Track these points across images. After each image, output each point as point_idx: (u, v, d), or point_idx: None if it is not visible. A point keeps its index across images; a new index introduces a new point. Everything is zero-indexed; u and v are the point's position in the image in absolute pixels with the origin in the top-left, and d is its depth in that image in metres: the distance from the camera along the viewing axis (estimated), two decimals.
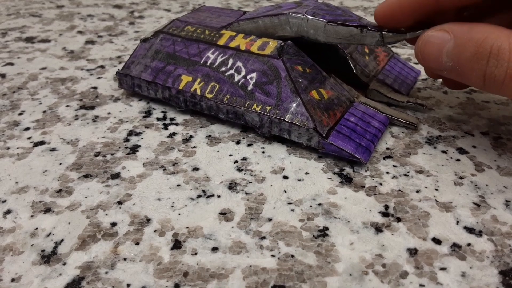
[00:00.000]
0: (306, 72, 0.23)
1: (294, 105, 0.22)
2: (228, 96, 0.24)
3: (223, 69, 0.24)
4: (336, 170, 0.21)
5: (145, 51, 0.27)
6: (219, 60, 0.25)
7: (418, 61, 0.20)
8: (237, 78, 0.24)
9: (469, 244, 0.17)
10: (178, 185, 0.20)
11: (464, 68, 0.18)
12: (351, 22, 0.22)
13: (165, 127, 0.25)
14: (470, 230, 0.18)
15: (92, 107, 0.27)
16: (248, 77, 0.23)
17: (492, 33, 0.17)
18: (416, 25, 0.21)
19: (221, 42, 0.25)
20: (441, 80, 0.30)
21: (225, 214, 0.19)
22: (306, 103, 0.22)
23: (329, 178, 0.21)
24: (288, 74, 0.23)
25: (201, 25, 0.27)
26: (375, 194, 0.20)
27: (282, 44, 0.24)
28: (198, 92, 0.24)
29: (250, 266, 0.16)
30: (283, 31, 0.24)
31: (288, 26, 0.24)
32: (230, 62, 0.24)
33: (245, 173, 0.21)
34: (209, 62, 0.25)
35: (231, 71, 0.24)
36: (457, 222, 0.18)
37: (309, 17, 0.23)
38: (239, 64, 0.24)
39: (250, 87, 0.23)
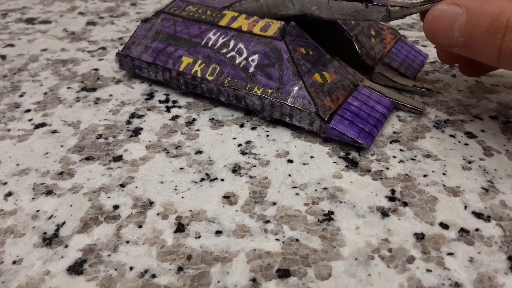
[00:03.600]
0: (309, 55, 0.23)
1: (296, 88, 0.21)
2: (229, 79, 0.23)
3: (224, 50, 0.24)
4: (342, 154, 0.21)
5: (145, 31, 0.27)
6: (220, 41, 0.24)
7: (427, 37, 0.19)
8: (238, 60, 0.23)
9: (477, 229, 0.17)
10: (181, 168, 0.20)
11: (477, 43, 0.17)
12: None
13: (168, 109, 0.25)
14: (478, 215, 0.17)
15: (93, 89, 0.27)
16: (250, 59, 0.23)
17: (507, 6, 0.16)
18: None
19: (223, 22, 0.25)
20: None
21: (228, 198, 0.18)
22: (309, 86, 0.21)
23: (334, 162, 0.20)
24: (291, 56, 0.22)
25: (202, 5, 0.27)
26: (381, 179, 0.19)
27: (285, 25, 0.23)
28: (199, 74, 0.24)
29: (254, 249, 0.16)
30: (285, 9, 0.24)
31: (291, 3, 0.23)
32: (232, 43, 0.24)
33: (249, 157, 0.21)
34: (210, 43, 0.24)
35: (233, 53, 0.23)
36: (465, 207, 0.18)
37: None
38: (240, 45, 0.24)
39: (251, 69, 0.23)
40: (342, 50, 0.26)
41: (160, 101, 0.25)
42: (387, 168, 0.20)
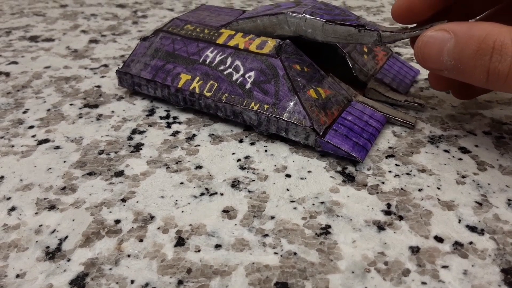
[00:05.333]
0: (304, 71, 0.23)
1: (292, 103, 0.22)
2: (227, 95, 0.24)
3: (222, 67, 0.24)
4: (339, 168, 0.21)
5: (145, 49, 0.28)
6: (218, 58, 0.25)
7: (418, 63, 0.20)
8: (235, 76, 0.24)
9: (471, 243, 0.17)
10: (182, 183, 0.21)
11: (466, 66, 0.18)
12: (349, 22, 0.22)
13: (169, 125, 0.25)
14: (472, 228, 0.18)
15: (95, 106, 0.27)
16: (247, 75, 0.24)
17: (493, 30, 0.17)
18: (434, 18, 0.21)
19: (220, 40, 0.26)
20: None
21: (228, 212, 0.19)
22: (304, 101, 0.22)
23: (331, 177, 0.21)
24: (286, 73, 0.23)
25: (200, 24, 0.28)
26: (377, 193, 0.20)
27: (281, 43, 0.24)
28: (197, 90, 0.24)
29: (253, 263, 0.16)
30: (281, 30, 0.24)
31: (287, 25, 0.24)
32: (229, 60, 0.25)
33: (248, 172, 0.21)
34: (208, 60, 0.25)
35: (230, 70, 0.24)
36: (459, 220, 0.18)
37: (307, 16, 0.23)
38: (237, 62, 0.24)
39: (248, 85, 0.23)
40: (336, 67, 0.26)
41: (161, 117, 0.26)
42: (383, 183, 0.20)
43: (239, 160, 0.22)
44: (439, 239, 0.17)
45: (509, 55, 0.17)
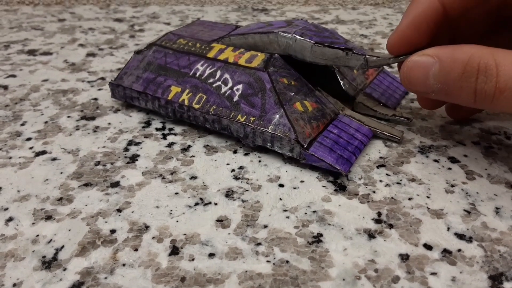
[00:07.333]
0: (291, 85, 0.24)
1: (277, 116, 0.23)
2: (214, 107, 0.24)
3: (211, 80, 0.25)
4: (331, 178, 0.22)
5: (138, 62, 0.28)
6: (207, 72, 0.25)
7: (404, 87, 0.21)
8: (224, 89, 0.24)
9: (459, 250, 0.18)
10: (176, 193, 0.21)
11: (453, 88, 0.19)
12: (337, 45, 0.23)
13: (164, 137, 0.25)
14: (460, 236, 0.18)
15: (92, 118, 0.28)
16: (235, 88, 0.24)
17: (476, 52, 0.18)
18: (431, 45, 0.21)
19: (211, 54, 0.26)
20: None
21: (221, 221, 0.19)
22: (289, 114, 0.22)
23: (323, 186, 0.21)
24: (273, 86, 0.23)
25: (193, 38, 0.28)
26: (368, 202, 0.20)
27: (269, 57, 0.24)
28: (186, 102, 0.25)
29: (246, 271, 0.17)
30: (271, 49, 0.25)
31: (277, 45, 0.25)
32: (218, 74, 0.25)
33: (241, 182, 0.22)
34: (198, 73, 0.26)
35: (219, 83, 0.25)
36: (448, 228, 0.19)
37: (297, 37, 0.23)
38: (226, 76, 0.25)
39: (235, 98, 0.24)
40: (326, 81, 0.27)
41: (157, 129, 0.26)
42: (374, 192, 0.21)
43: (233, 170, 0.23)
44: (428, 247, 0.18)
45: (493, 75, 0.17)
